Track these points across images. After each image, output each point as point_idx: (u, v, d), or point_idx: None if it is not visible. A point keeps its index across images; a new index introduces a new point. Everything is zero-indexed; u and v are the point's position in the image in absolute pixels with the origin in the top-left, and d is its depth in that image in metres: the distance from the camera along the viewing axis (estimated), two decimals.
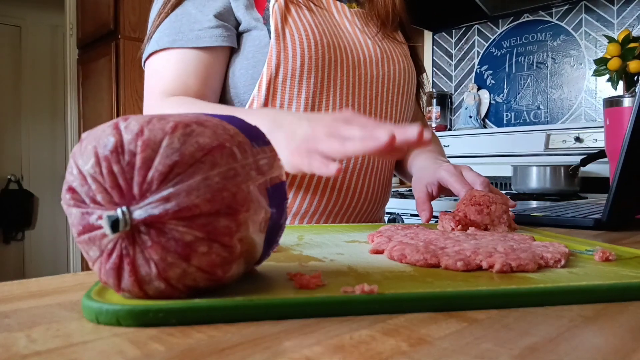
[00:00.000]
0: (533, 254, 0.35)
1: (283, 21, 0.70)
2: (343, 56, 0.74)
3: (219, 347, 0.21)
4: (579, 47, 1.93)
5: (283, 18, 0.71)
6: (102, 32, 2.64)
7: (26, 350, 0.21)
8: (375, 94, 0.78)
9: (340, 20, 0.78)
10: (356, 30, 0.79)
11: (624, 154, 0.60)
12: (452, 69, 2.34)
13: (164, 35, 0.71)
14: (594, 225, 0.66)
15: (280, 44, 0.69)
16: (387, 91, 0.80)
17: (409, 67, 0.84)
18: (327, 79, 0.73)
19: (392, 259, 0.37)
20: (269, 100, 0.71)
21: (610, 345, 0.22)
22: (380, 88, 0.79)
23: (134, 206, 0.24)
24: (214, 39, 0.70)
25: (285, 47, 0.70)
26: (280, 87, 0.71)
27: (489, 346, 0.21)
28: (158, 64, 0.72)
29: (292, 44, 0.70)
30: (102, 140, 0.25)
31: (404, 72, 0.82)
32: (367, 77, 0.77)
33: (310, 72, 0.71)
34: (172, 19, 0.71)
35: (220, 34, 0.71)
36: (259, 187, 0.27)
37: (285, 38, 0.70)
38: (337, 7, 0.79)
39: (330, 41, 0.73)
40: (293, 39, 0.70)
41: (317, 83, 0.72)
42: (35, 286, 0.32)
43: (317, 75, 0.72)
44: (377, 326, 0.24)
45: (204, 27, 0.70)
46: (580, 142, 1.70)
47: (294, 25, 0.71)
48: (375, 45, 0.79)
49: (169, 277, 0.25)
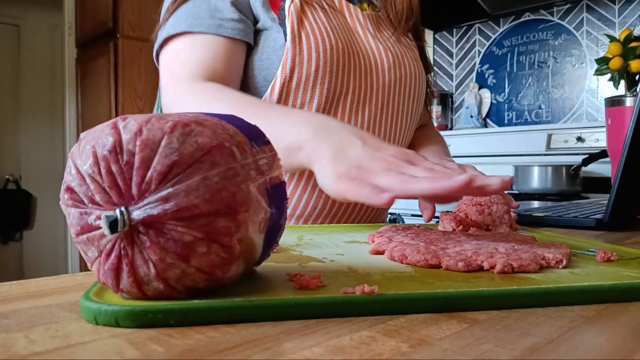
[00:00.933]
0: (534, 255, 0.35)
1: (299, 23, 0.69)
2: (356, 62, 0.73)
3: (219, 348, 0.21)
4: (580, 46, 1.93)
5: (299, 20, 0.69)
6: (100, 32, 2.64)
7: (25, 351, 0.21)
8: (387, 100, 0.77)
9: (352, 24, 0.77)
10: (368, 35, 0.77)
11: (625, 153, 0.60)
12: (453, 68, 2.33)
13: (180, 20, 0.68)
14: (595, 226, 0.66)
15: (296, 47, 0.68)
16: (399, 97, 0.79)
17: (419, 70, 0.83)
18: (341, 85, 0.72)
19: (392, 259, 0.37)
20: (281, 104, 0.70)
21: (611, 345, 0.22)
22: (392, 94, 0.78)
23: (133, 206, 0.24)
24: (236, 31, 0.68)
25: (301, 51, 0.68)
26: (293, 91, 0.69)
27: (490, 347, 0.21)
28: (180, 48, 0.68)
29: (308, 47, 0.68)
30: (101, 139, 0.25)
31: (415, 77, 0.81)
32: (380, 83, 0.76)
33: (324, 77, 0.70)
34: (190, 4, 0.68)
35: (242, 28, 0.69)
36: (258, 187, 0.27)
37: (302, 41, 0.68)
38: (350, 10, 0.78)
39: (345, 45, 0.72)
40: (309, 43, 0.69)
41: (330, 89, 0.70)
42: (34, 287, 0.32)
43: (331, 81, 0.70)
44: (377, 327, 0.24)
45: (226, 18, 0.68)
46: (582, 141, 1.70)
47: (310, 28, 0.69)
48: (387, 51, 0.78)
49: (168, 278, 0.25)
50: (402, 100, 0.80)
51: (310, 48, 0.68)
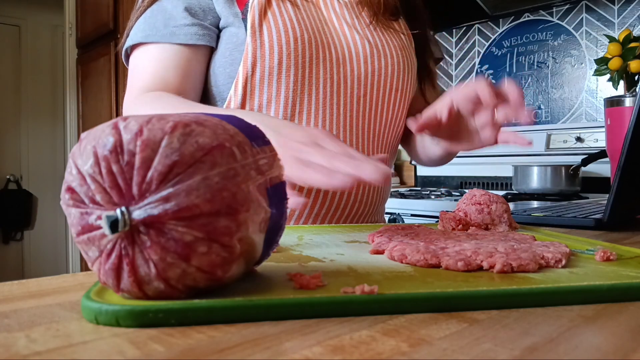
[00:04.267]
0: (534, 254, 0.35)
1: (261, 17, 0.68)
2: (326, 53, 0.72)
3: (219, 348, 0.21)
4: (579, 46, 1.93)
5: (262, 13, 0.68)
6: (101, 32, 2.64)
7: (26, 351, 0.21)
8: (363, 92, 0.75)
9: (327, 15, 0.75)
10: (343, 25, 0.75)
11: (624, 153, 0.60)
12: (452, 69, 2.34)
13: (138, 31, 0.70)
14: (594, 225, 0.66)
15: (257, 41, 0.67)
16: (378, 89, 0.76)
17: (405, 60, 0.79)
18: (309, 77, 0.70)
19: (392, 259, 0.37)
20: (247, 100, 0.70)
21: (610, 345, 0.22)
22: (370, 85, 0.76)
23: (133, 206, 0.24)
24: (189, 36, 0.69)
25: (262, 44, 0.67)
26: (257, 86, 0.69)
27: (489, 346, 0.21)
28: (137, 60, 0.71)
29: (270, 40, 0.68)
30: (102, 140, 0.25)
31: (399, 67, 0.78)
32: (354, 74, 0.74)
33: (289, 70, 0.68)
34: (148, 14, 0.70)
35: (195, 32, 0.69)
36: (258, 187, 0.27)
37: (262, 34, 0.68)
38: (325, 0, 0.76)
39: (312, 37, 0.70)
40: (270, 36, 0.68)
41: (297, 81, 0.69)
42: (35, 286, 0.32)
43: (297, 73, 0.69)
44: (377, 327, 0.24)
45: (179, 24, 0.69)
46: (581, 142, 1.70)
47: (273, 20, 0.69)
48: (363, 41, 0.75)
49: (169, 278, 0.25)
50: (383, 92, 0.77)
51: (272, 41, 0.68)
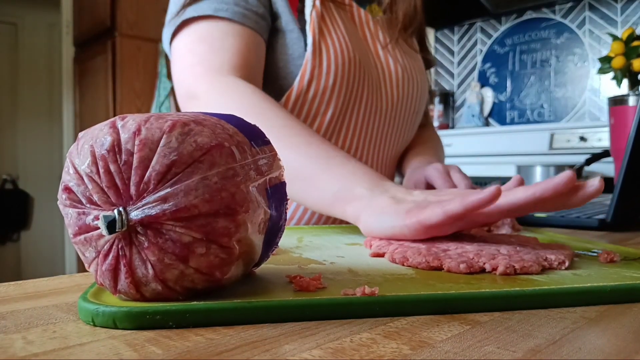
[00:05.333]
0: (537, 256, 0.34)
1: (320, 33, 0.66)
2: (369, 74, 0.71)
3: (217, 350, 0.21)
4: (582, 45, 1.92)
5: (320, 29, 0.66)
6: (98, 30, 2.64)
7: (23, 352, 0.21)
8: (394, 115, 0.76)
9: (362, 34, 0.74)
10: (377, 45, 0.75)
11: (628, 153, 0.59)
12: (454, 67, 2.33)
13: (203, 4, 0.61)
14: (598, 226, 0.65)
15: (316, 59, 0.65)
16: (405, 112, 0.78)
17: (425, 84, 0.82)
18: (354, 98, 0.70)
19: (393, 261, 0.37)
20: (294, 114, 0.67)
21: (613, 346, 0.22)
22: (399, 109, 0.77)
23: (131, 206, 0.24)
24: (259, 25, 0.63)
25: (321, 63, 0.66)
26: (308, 102, 0.67)
27: (492, 349, 0.21)
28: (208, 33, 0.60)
29: (328, 60, 0.66)
30: (99, 139, 0.24)
31: (422, 92, 0.80)
32: (389, 97, 0.75)
33: (340, 90, 0.67)
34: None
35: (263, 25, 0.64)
36: (258, 188, 0.27)
37: (322, 53, 0.66)
38: (360, 15, 0.75)
39: (360, 58, 0.70)
40: (329, 55, 0.66)
41: (345, 101, 0.69)
42: (31, 287, 0.32)
43: (346, 94, 0.68)
44: (378, 329, 0.24)
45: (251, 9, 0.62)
46: (585, 141, 1.69)
47: (330, 39, 0.67)
48: (397, 64, 0.76)
49: (166, 279, 0.25)
50: (409, 115, 0.79)
51: (330, 61, 0.66)
